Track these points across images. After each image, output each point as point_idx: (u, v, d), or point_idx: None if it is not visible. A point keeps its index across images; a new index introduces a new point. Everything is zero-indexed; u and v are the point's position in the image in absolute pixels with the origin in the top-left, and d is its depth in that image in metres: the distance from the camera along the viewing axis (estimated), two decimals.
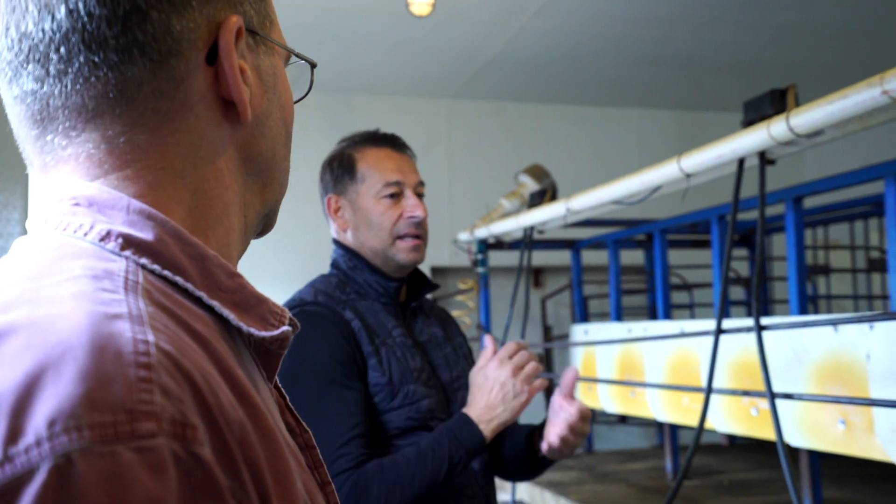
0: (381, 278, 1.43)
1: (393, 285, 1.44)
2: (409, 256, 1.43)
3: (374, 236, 1.43)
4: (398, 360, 1.36)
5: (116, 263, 0.43)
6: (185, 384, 0.37)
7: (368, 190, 1.43)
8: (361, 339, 1.34)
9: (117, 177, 0.47)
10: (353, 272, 1.44)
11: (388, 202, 1.43)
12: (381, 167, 1.44)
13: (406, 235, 1.43)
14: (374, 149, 1.46)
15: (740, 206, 2.03)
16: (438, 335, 1.50)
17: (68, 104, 0.47)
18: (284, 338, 0.50)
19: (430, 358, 1.43)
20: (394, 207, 1.43)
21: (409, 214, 1.42)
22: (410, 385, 1.34)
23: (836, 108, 1.62)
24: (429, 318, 1.51)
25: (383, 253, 1.43)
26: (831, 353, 2.07)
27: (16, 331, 0.36)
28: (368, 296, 1.42)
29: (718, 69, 5.23)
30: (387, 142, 1.47)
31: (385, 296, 1.43)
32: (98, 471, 0.32)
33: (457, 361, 1.48)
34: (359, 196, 1.44)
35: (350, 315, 1.36)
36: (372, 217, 1.43)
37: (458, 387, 1.45)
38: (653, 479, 3.10)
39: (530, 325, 3.75)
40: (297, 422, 0.56)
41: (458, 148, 5.76)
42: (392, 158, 1.45)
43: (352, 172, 1.45)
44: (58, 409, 0.33)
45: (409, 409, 1.32)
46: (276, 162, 0.57)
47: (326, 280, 1.44)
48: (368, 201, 1.43)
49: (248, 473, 0.39)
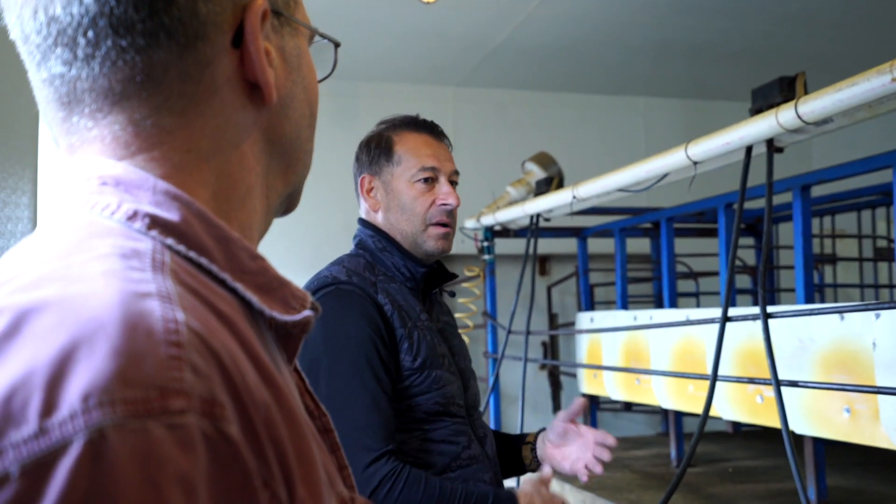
0: (410, 262, 1.43)
1: (421, 271, 1.44)
2: (438, 244, 1.44)
3: (405, 220, 1.44)
4: (428, 343, 1.37)
5: (143, 243, 0.43)
6: (214, 363, 0.38)
7: (404, 173, 1.44)
8: (394, 322, 1.35)
9: (143, 158, 0.48)
10: (382, 254, 1.44)
11: (422, 187, 1.43)
12: (418, 152, 1.44)
13: (437, 223, 1.44)
14: (413, 133, 1.47)
15: (747, 194, 2.03)
16: (450, 322, 1.52)
17: (95, 87, 0.47)
18: (306, 322, 0.50)
19: (450, 344, 1.45)
20: (427, 193, 1.43)
21: (443, 202, 1.43)
22: (437, 370, 1.35)
23: (845, 95, 1.62)
24: (442, 307, 1.53)
25: (413, 238, 1.44)
26: (837, 342, 2.07)
27: (48, 307, 0.36)
28: (396, 279, 1.42)
29: (726, 58, 5.20)
30: (426, 128, 1.48)
31: (411, 280, 1.43)
32: (130, 446, 0.33)
33: (464, 349, 1.50)
34: (393, 178, 1.45)
35: (382, 298, 1.36)
36: (405, 200, 1.44)
37: (469, 375, 1.47)
38: (657, 466, 3.11)
39: (536, 312, 3.76)
40: (316, 405, 0.56)
41: (464, 136, 5.75)
42: (430, 145, 1.46)
43: (389, 154, 1.45)
44: (91, 384, 0.33)
45: (436, 394, 1.33)
46: (301, 143, 0.57)
47: (355, 260, 1.43)
48: (402, 184, 1.44)
49: (273, 453, 0.40)
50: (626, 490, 2.69)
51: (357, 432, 1.24)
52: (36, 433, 0.32)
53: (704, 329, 2.65)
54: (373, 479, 1.22)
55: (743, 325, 2.40)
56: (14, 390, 0.33)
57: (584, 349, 3.63)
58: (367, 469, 1.22)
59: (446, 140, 1.51)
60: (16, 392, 0.33)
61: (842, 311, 1.98)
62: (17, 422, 0.33)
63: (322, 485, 0.45)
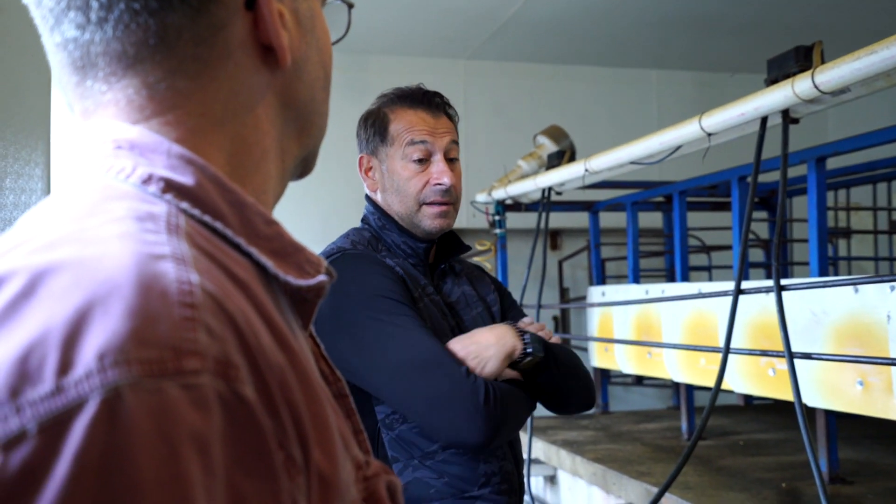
0: (409, 239, 1.42)
1: (422, 246, 1.43)
2: (435, 223, 1.41)
3: (400, 201, 1.42)
4: (433, 315, 1.36)
5: (158, 206, 0.43)
6: (228, 325, 0.38)
7: (397, 152, 1.41)
8: (408, 284, 1.35)
9: (158, 122, 0.48)
10: (382, 231, 1.43)
11: (415, 167, 1.40)
12: (411, 130, 1.41)
13: (433, 202, 1.41)
14: (408, 110, 1.43)
15: (761, 166, 2.01)
16: (470, 294, 1.49)
17: (109, 51, 0.47)
18: (321, 287, 0.50)
19: (461, 318, 1.43)
20: (421, 173, 1.41)
21: (436, 181, 1.40)
22: (446, 339, 1.35)
23: (864, 64, 1.59)
24: (459, 278, 1.50)
25: (409, 218, 1.42)
26: (851, 315, 2.06)
27: (64, 268, 0.36)
28: (397, 255, 1.42)
29: (740, 29, 5.13)
30: (423, 102, 1.43)
31: (413, 256, 1.43)
32: (146, 405, 0.33)
33: (486, 321, 1.46)
34: (388, 158, 1.43)
35: (391, 262, 1.36)
36: (399, 182, 1.41)
37: None
38: (668, 440, 3.12)
39: (547, 287, 3.75)
40: (332, 370, 0.56)
41: (475, 109, 5.71)
42: (425, 121, 1.42)
43: (383, 133, 1.43)
44: (107, 343, 0.34)
45: None
46: (316, 106, 0.57)
47: (360, 234, 1.44)
48: (396, 164, 1.41)
49: (288, 415, 0.40)
50: (637, 462, 2.71)
51: (445, 353, 1.24)
52: (52, 391, 0.33)
53: (716, 303, 2.65)
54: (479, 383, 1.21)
55: (755, 298, 2.39)
56: (30, 349, 0.33)
57: (595, 323, 3.63)
58: (470, 375, 1.22)
59: (450, 111, 1.47)
60: (32, 351, 0.33)
61: (856, 283, 1.96)
62: (34, 380, 0.33)
63: (337, 447, 0.45)
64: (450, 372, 1.21)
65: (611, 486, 2.63)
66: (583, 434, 3.30)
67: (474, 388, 1.21)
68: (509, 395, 1.26)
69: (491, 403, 1.20)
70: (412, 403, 1.24)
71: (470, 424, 1.19)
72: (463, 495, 1.28)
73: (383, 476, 0.53)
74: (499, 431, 1.22)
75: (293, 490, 0.39)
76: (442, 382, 1.21)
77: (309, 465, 0.41)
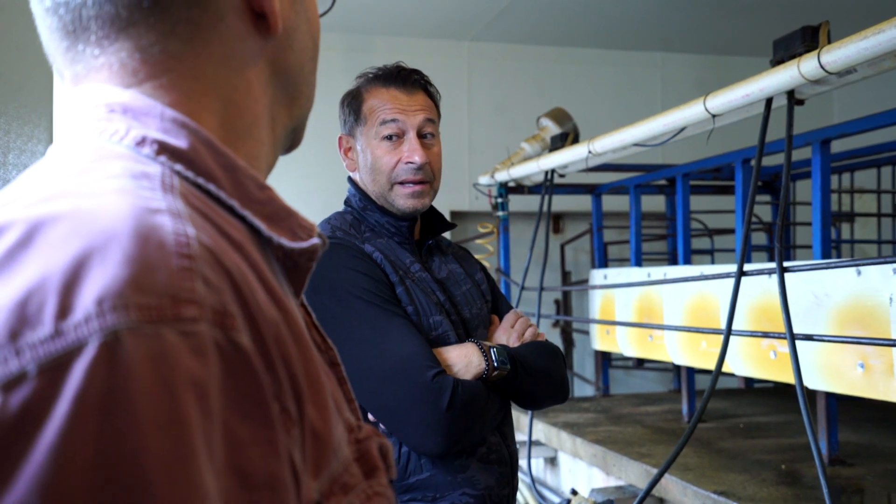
0: (391, 218, 1.42)
1: (404, 224, 1.43)
2: (408, 203, 1.40)
3: (373, 181, 1.42)
4: (422, 290, 1.37)
5: (152, 167, 0.44)
6: (225, 278, 0.39)
7: (369, 131, 1.41)
8: (386, 270, 1.35)
9: (152, 85, 0.48)
10: (365, 212, 1.44)
11: (387, 145, 1.39)
12: (382, 108, 1.40)
13: (405, 181, 1.40)
14: (381, 88, 1.42)
15: (765, 149, 2.00)
16: (457, 272, 1.50)
17: (101, 13, 0.47)
18: (314, 250, 0.51)
19: (451, 293, 1.44)
20: (392, 152, 1.39)
21: (407, 160, 1.39)
22: (436, 315, 1.36)
23: (871, 43, 1.58)
24: (446, 256, 1.52)
25: (384, 198, 1.42)
26: (853, 297, 2.06)
27: (61, 218, 0.37)
28: (382, 234, 1.42)
29: (746, 10, 5.09)
30: (396, 80, 1.42)
31: (398, 234, 1.43)
32: (145, 349, 0.33)
33: (475, 298, 1.49)
34: (363, 136, 1.43)
35: (370, 248, 1.37)
36: (370, 160, 1.41)
37: (478, 324, 1.46)
38: (668, 422, 3.13)
39: (549, 270, 3.75)
40: (323, 339, 0.57)
41: (478, 91, 5.69)
42: (396, 98, 1.41)
43: (357, 113, 1.43)
44: (105, 288, 0.34)
45: (434, 340, 1.34)
46: (304, 75, 0.57)
47: (341, 217, 1.45)
48: (370, 143, 1.41)
49: (283, 370, 0.40)
50: (637, 444, 2.72)
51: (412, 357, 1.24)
52: (52, 334, 0.33)
53: (718, 286, 2.65)
54: (445, 386, 1.23)
55: (757, 281, 2.39)
56: (29, 294, 0.34)
57: (597, 306, 3.63)
58: (435, 379, 1.23)
59: (430, 88, 1.45)
60: (31, 296, 0.34)
61: (858, 265, 1.96)
62: (33, 324, 0.33)
63: (330, 407, 0.46)
64: (414, 380, 1.23)
65: (611, 468, 2.64)
66: (583, 416, 3.32)
67: (439, 391, 1.23)
68: (478, 396, 1.28)
69: (456, 408, 1.23)
70: (378, 413, 1.28)
71: (427, 436, 1.23)
72: (453, 463, 1.31)
73: (375, 438, 0.53)
74: (461, 438, 1.26)
75: (288, 442, 0.40)
76: (403, 393, 1.23)
77: (303, 420, 0.42)
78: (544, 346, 1.45)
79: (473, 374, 1.30)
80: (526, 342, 1.44)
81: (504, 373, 1.33)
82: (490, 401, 1.32)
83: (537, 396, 1.43)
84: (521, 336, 1.45)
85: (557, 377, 1.44)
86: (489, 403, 1.31)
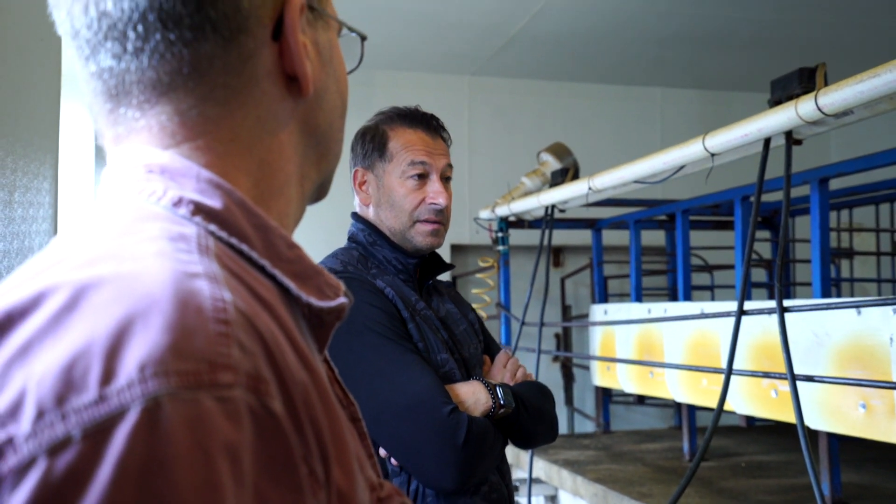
0: (400, 255, 1.45)
1: (412, 262, 1.45)
2: (427, 241, 1.45)
3: (394, 217, 1.45)
4: (430, 329, 1.38)
5: (188, 228, 0.45)
6: (258, 342, 0.40)
7: (395, 169, 1.44)
8: (398, 305, 1.37)
9: (189, 146, 0.50)
10: (373, 248, 1.46)
11: (412, 184, 1.44)
12: (411, 148, 1.44)
13: (426, 220, 1.44)
14: (407, 129, 1.46)
15: (764, 186, 2.01)
16: (454, 312, 1.53)
17: (143, 79, 0.49)
18: (341, 309, 0.52)
19: (452, 332, 1.46)
20: (417, 191, 1.44)
21: (432, 201, 1.44)
22: (443, 353, 1.38)
23: (867, 87, 1.60)
24: (443, 296, 1.55)
25: (401, 234, 1.45)
26: (853, 337, 2.05)
27: (105, 282, 0.38)
28: (388, 272, 1.44)
29: (744, 47, 5.15)
30: (422, 123, 1.47)
31: (404, 272, 1.45)
32: (183, 415, 0.35)
33: (471, 337, 1.52)
34: (385, 174, 1.46)
35: (381, 283, 1.38)
36: (395, 197, 1.44)
37: (475, 363, 1.48)
38: (670, 460, 3.10)
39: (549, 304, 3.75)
40: (345, 394, 0.58)
41: (479, 125, 5.73)
42: (424, 141, 1.46)
43: (382, 149, 1.46)
44: (147, 355, 0.35)
45: (442, 378, 1.35)
46: (333, 132, 0.59)
47: (348, 253, 1.46)
48: (393, 180, 1.45)
49: (311, 432, 0.41)
50: (638, 483, 2.69)
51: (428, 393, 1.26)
52: (96, 400, 0.34)
53: (719, 322, 2.64)
54: (461, 422, 1.25)
55: (758, 318, 2.38)
56: (75, 359, 0.35)
57: (597, 341, 3.62)
58: (451, 415, 1.25)
59: (444, 133, 1.51)
60: (77, 361, 0.35)
61: (859, 305, 1.96)
62: (79, 389, 0.34)
63: (355, 467, 0.47)
64: (430, 415, 1.25)
65: None
66: (584, 454, 3.29)
67: (455, 427, 1.24)
68: (488, 433, 1.30)
69: (471, 444, 1.25)
70: (393, 448, 1.28)
71: (443, 471, 1.24)
72: (457, 502, 1.32)
73: (396, 498, 0.54)
74: (474, 474, 1.27)
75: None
76: (419, 428, 1.25)
77: (329, 481, 0.42)
78: (538, 385, 1.48)
79: (481, 411, 1.32)
80: (518, 381, 1.46)
81: (509, 410, 1.35)
82: (497, 438, 1.33)
83: (533, 435, 1.44)
84: (514, 376, 1.48)
85: (550, 416, 1.47)
86: (496, 440, 1.33)
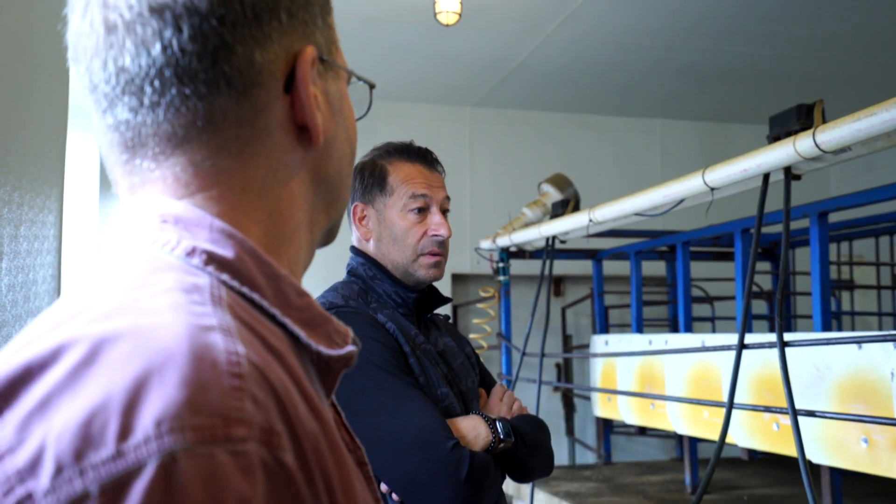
0: (400, 289, 1.46)
1: (412, 296, 1.46)
2: (429, 273, 1.46)
3: (397, 250, 1.46)
4: (430, 363, 1.39)
5: (201, 278, 0.46)
6: (270, 394, 0.41)
7: (396, 203, 1.46)
8: (399, 340, 1.38)
9: (202, 197, 0.51)
10: (373, 282, 1.47)
11: (413, 217, 1.46)
12: (411, 182, 1.46)
13: (429, 253, 1.46)
14: (406, 163, 1.48)
15: (764, 219, 2.03)
16: (451, 345, 1.53)
17: (159, 132, 0.50)
18: (350, 357, 0.53)
19: (450, 366, 1.46)
20: (418, 224, 1.46)
21: (434, 233, 1.46)
22: (443, 387, 1.38)
23: (864, 125, 1.62)
24: (440, 330, 1.55)
25: (404, 268, 1.46)
26: (854, 371, 2.05)
27: (122, 337, 0.39)
28: (388, 305, 1.45)
29: (743, 80, 5.21)
30: (419, 157, 1.50)
31: (404, 306, 1.46)
32: (198, 470, 0.35)
33: (469, 371, 1.52)
34: (386, 208, 1.47)
35: (382, 318, 1.39)
36: (397, 231, 1.46)
37: (473, 396, 1.48)
38: (671, 493, 3.08)
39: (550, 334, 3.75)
40: (352, 439, 0.59)
41: (480, 156, 5.77)
42: (423, 174, 1.48)
43: (382, 184, 1.48)
44: (163, 410, 0.36)
45: (442, 412, 1.35)
46: (342, 180, 0.61)
47: (348, 287, 1.47)
48: (394, 214, 1.46)
49: (321, 483, 0.42)
50: None
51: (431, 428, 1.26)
52: (113, 455, 0.35)
53: (720, 354, 2.64)
54: (463, 457, 1.25)
55: (759, 351, 2.38)
56: (94, 414, 0.36)
57: (598, 372, 3.62)
58: (453, 450, 1.25)
59: (440, 167, 1.53)
60: (95, 416, 0.36)
61: (860, 340, 1.96)
62: (97, 444, 0.35)
63: None
64: (433, 450, 1.25)
65: None
66: (585, 486, 3.27)
67: (458, 463, 1.25)
68: (489, 467, 1.30)
69: (473, 479, 1.25)
70: (395, 483, 1.28)
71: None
72: None
73: None
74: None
75: None
76: (422, 464, 1.25)
77: None
78: (534, 419, 1.49)
79: (482, 445, 1.32)
80: (515, 415, 1.46)
81: (509, 444, 1.35)
82: (497, 472, 1.33)
83: (530, 468, 1.43)
84: (511, 409, 1.48)
85: (547, 450, 1.47)
86: (496, 475, 1.33)
